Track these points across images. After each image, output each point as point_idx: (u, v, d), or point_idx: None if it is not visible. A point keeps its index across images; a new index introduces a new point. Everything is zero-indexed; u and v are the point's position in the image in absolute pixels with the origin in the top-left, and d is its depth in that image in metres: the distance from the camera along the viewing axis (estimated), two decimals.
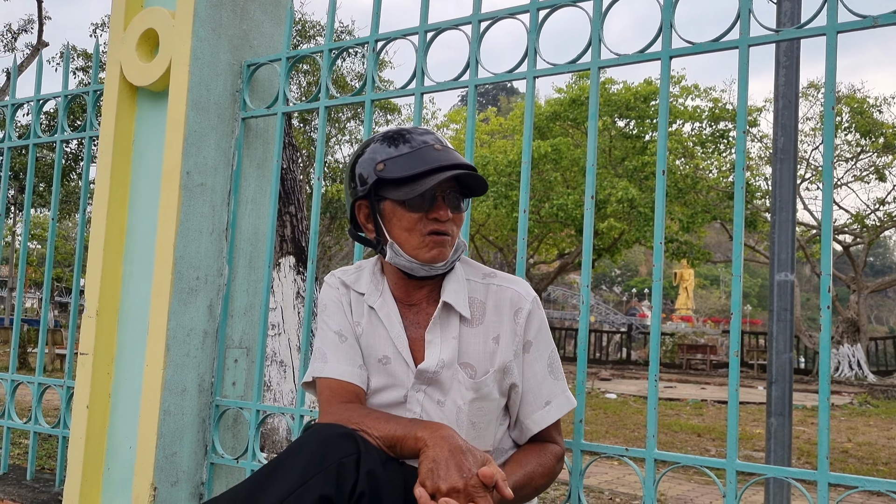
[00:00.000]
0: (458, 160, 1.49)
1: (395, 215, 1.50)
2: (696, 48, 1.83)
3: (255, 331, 2.59)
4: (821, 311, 1.62)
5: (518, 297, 1.56)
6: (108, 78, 2.55)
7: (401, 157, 1.48)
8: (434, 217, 1.49)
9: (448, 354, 1.52)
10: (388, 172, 1.47)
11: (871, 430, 9.46)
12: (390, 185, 1.49)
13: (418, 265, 1.51)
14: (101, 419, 2.44)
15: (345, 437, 1.32)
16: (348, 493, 1.26)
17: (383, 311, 1.57)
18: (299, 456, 1.29)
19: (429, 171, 1.45)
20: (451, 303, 1.53)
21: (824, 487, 1.58)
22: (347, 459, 1.28)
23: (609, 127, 20.27)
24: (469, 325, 1.55)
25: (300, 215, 5.30)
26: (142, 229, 2.48)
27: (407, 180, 1.47)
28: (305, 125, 18.70)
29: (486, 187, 1.53)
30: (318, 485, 1.24)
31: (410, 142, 1.51)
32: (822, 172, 1.60)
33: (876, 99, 20.03)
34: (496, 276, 1.61)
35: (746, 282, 49.02)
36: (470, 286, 1.59)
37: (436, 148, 1.49)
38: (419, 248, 1.49)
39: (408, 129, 1.55)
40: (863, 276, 21.87)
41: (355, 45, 2.36)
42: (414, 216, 1.49)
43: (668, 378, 18.68)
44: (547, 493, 4.76)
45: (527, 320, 1.55)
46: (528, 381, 1.57)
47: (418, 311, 1.58)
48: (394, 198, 1.48)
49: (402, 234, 1.50)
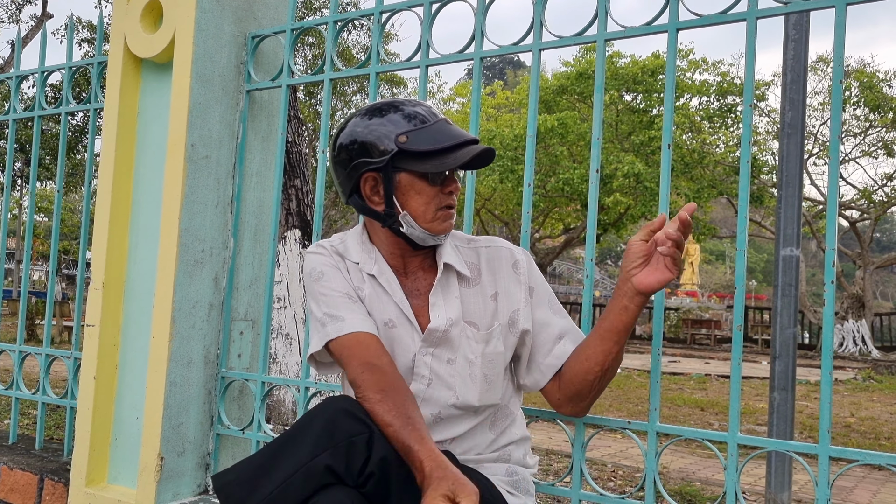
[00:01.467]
0: (470, 135, 1.55)
1: (414, 188, 1.51)
2: (703, 20, 1.81)
3: (261, 303, 2.60)
4: (825, 286, 1.63)
5: (510, 252, 1.66)
6: (111, 50, 2.54)
7: (422, 129, 1.50)
8: (449, 191, 1.54)
9: (454, 312, 1.56)
10: (411, 145, 1.48)
11: (874, 405, 9.49)
12: (413, 157, 1.49)
13: (430, 236, 1.55)
14: (108, 390, 2.46)
15: (353, 416, 1.33)
16: (357, 472, 1.28)
17: (383, 278, 1.59)
18: (310, 431, 1.31)
19: (454, 146, 1.50)
20: (451, 263, 1.58)
21: (825, 461, 1.59)
22: (358, 438, 1.29)
23: (616, 101, 20.13)
24: (467, 285, 1.60)
25: (306, 189, 5.29)
26: (147, 202, 2.49)
27: (433, 154, 1.49)
28: (311, 98, 18.62)
29: (490, 162, 1.57)
30: (327, 458, 1.27)
31: (416, 115, 1.51)
32: (830, 146, 1.59)
33: (885, 73, 19.86)
34: (477, 240, 1.68)
35: (752, 257, 48.93)
36: (460, 250, 1.65)
37: (448, 123, 1.54)
38: (433, 221, 1.53)
39: (400, 101, 1.56)
40: (869, 251, 21.80)
41: (360, 16, 2.34)
42: (433, 189, 1.52)
43: (673, 353, 18.74)
44: (549, 466, 4.80)
45: (527, 269, 1.64)
46: (536, 323, 1.63)
47: (415, 279, 1.60)
48: (416, 170, 1.50)
49: (419, 206, 1.52)
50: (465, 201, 2.10)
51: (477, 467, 1.54)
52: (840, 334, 20.56)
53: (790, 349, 4.25)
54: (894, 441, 6.66)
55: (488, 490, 1.47)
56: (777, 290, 4.33)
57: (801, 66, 4.33)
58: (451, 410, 1.54)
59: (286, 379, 2.37)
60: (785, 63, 4.37)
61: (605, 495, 1.82)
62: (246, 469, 1.33)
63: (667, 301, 32.49)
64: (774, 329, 4.32)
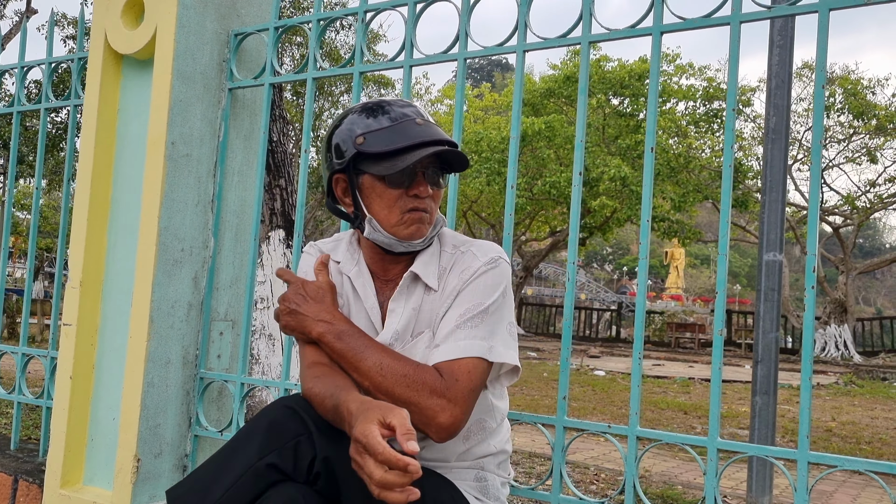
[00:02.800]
0: (439, 135, 1.46)
1: (375, 191, 1.47)
2: (687, 24, 1.81)
3: (241, 304, 2.57)
4: (806, 292, 1.62)
5: (472, 259, 1.50)
6: (92, 45, 2.51)
7: (381, 130, 1.44)
8: (414, 194, 1.46)
9: (403, 324, 1.50)
10: (367, 146, 1.44)
11: (855, 409, 9.56)
12: (370, 159, 1.45)
13: (397, 241, 1.48)
14: (84, 390, 2.43)
15: (298, 415, 1.34)
16: (305, 470, 1.29)
17: (359, 282, 1.56)
18: (256, 434, 1.32)
19: (410, 146, 1.42)
20: (418, 273, 1.51)
21: (804, 466, 1.59)
22: (304, 438, 1.30)
23: (603, 105, 20.20)
24: (431, 293, 1.53)
25: (291, 188, 5.26)
26: (126, 200, 2.46)
27: (387, 155, 1.43)
28: (299, 98, 18.55)
29: (467, 163, 1.51)
30: (275, 458, 1.28)
31: (390, 114, 1.47)
32: (812, 150, 1.58)
33: (870, 80, 20.04)
34: (467, 243, 1.56)
35: (736, 262, 49.23)
36: (441, 256, 1.56)
37: (417, 122, 1.46)
38: (398, 225, 1.47)
39: (388, 101, 1.51)
40: (851, 257, 21.98)
41: (344, 15, 2.32)
42: (394, 192, 1.46)
43: (657, 356, 18.80)
44: (532, 469, 4.80)
45: (470, 276, 1.48)
46: (439, 327, 1.48)
47: (394, 286, 1.56)
48: (374, 172, 1.45)
49: (381, 210, 1.47)
50: (447, 204, 2.09)
51: (444, 473, 1.52)
52: (822, 339, 20.70)
53: (772, 353, 4.27)
54: (875, 446, 6.71)
55: (451, 495, 1.46)
56: (760, 294, 4.35)
57: (786, 72, 4.36)
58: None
59: (266, 380, 2.35)
60: (770, 69, 4.39)
61: (584, 499, 1.81)
62: (195, 478, 1.34)
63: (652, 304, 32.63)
64: (757, 333, 4.34)
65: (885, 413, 9.28)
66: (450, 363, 1.40)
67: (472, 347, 1.41)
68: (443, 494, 1.44)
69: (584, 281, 43.11)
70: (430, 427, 1.36)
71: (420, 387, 1.36)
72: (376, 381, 1.38)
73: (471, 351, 1.41)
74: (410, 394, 1.35)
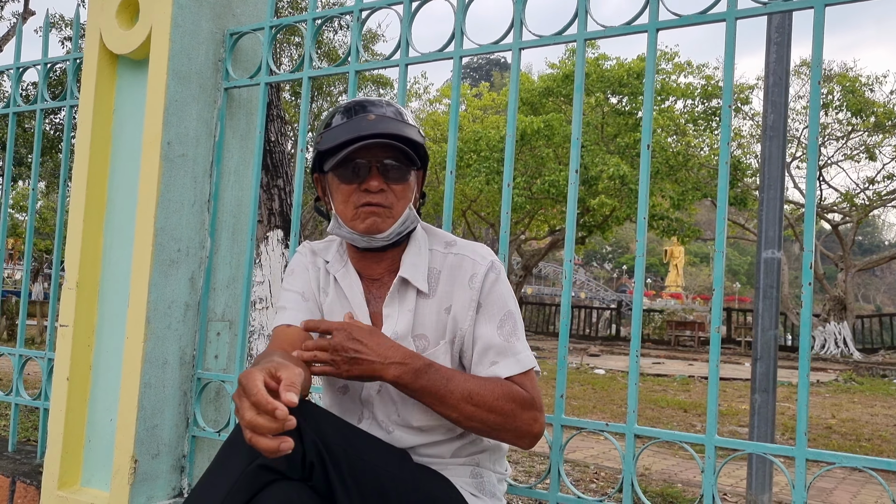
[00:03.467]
0: (389, 130, 1.46)
1: (334, 187, 1.52)
2: (682, 20, 1.80)
3: (239, 304, 2.57)
4: (803, 289, 1.62)
5: (472, 264, 1.52)
6: (87, 45, 2.50)
7: (336, 128, 1.49)
8: (365, 188, 1.48)
9: (403, 327, 1.51)
10: (322, 144, 1.49)
11: (855, 406, 9.56)
12: (327, 156, 1.51)
13: (358, 236, 1.51)
14: (81, 391, 2.42)
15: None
16: (298, 465, 1.28)
17: (345, 282, 1.58)
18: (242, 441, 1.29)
19: (348, 140, 1.45)
20: (407, 277, 1.52)
21: (802, 463, 1.59)
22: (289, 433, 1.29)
23: (602, 103, 20.17)
24: (425, 297, 1.53)
25: (289, 189, 5.25)
26: (122, 200, 2.45)
27: (332, 151, 1.48)
28: (297, 98, 18.53)
29: (416, 160, 1.51)
30: (266, 459, 1.26)
31: (352, 112, 1.50)
32: (808, 146, 1.58)
33: (868, 77, 20.02)
34: (456, 244, 1.58)
35: (736, 259, 49.21)
36: (431, 256, 1.57)
37: (369, 118, 1.47)
38: (354, 220, 1.50)
39: (366, 101, 1.53)
40: (851, 254, 21.98)
41: (340, 14, 2.32)
42: (348, 187, 1.49)
43: (657, 354, 18.80)
44: (532, 467, 4.79)
45: (481, 284, 1.51)
46: (476, 342, 1.50)
47: (381, 286, 1.57)
48: (326, 169, 1.51)
49: (340, 205, 1.52)
50: (444, 202, 2.08)
51: (440, 470, 1.52)
52: (822, 336, 20.70)
53: (771, 351, 4.26)
54: (874, 442, 6.70)
55: (447, 491, 1.46)
56: (759, 292, 4.34)
57: (784, 70, 4.35)
58: (397, 426, 1.52)
59: None
60: (767, 66, 4.38)
61: (582, 498, 1.81)
62: (196, 492, 1.32)
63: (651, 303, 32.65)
64: (756, 331, 4.33)
65: (884, 410, 9.28)
66: (521, 377, 1.47)
67: (528, 359, 1.50)
68: (438, 490, 1.45)
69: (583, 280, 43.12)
70: (524, 439, 1.46)
71: (515, 404, 1.42)
72: (467, 412, 1.40)
73: (528, 363, 1.49)
74: (507, 414, 1.41)
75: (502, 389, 1.42)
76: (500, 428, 1.42)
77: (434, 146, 19.87)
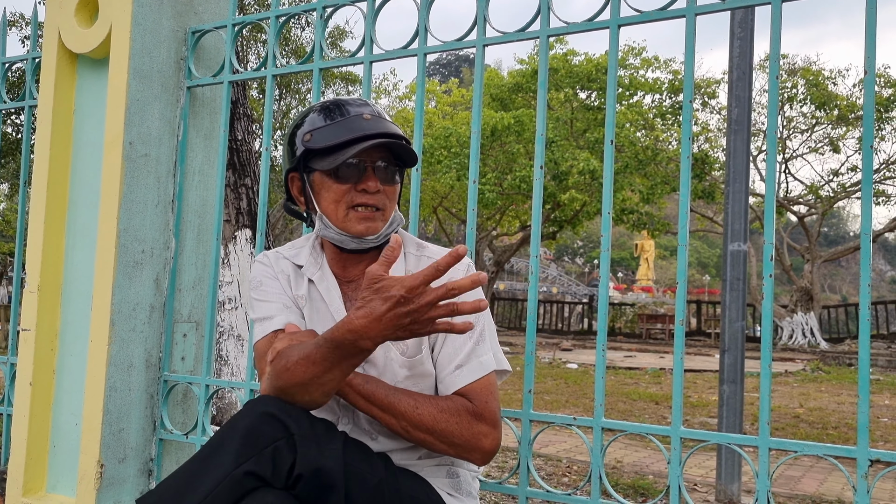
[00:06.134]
0: (385, 129, 1.46)
1: (324, 187, 1.48)
2: (643, 17, 1.81)
3: (205, 305, 2.54)
4: (763, 281, 1.64)
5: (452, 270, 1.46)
6: (45, 45, 2.46)
7: (327, 126, 1.46)
8: (362, 188, 1.46)
9: None
10: (314, 143, 1.46)
11: (822, 395, 9.72)
12: (317, 155, 1.47)
13: (348, 238, 1.48)
14: (45, 396, 2.39)
15: (273, 418, 1.29)
16: (284, 476, 1.25)
17: (323, 285, 1.55)
18: (232, 439, 1.27)
19: (352, 140, 1.43)
20: None
21: (765, 452, 1.61)
22: (281, 443, 1.26)
23: (571, 99, 20.27)
24: None
25: (256, 188, 5.21)
26: (84, 201, 2.41)
27: (331, 150, 1.44)
28: (264, 96, 18.36)
29: (415, 158, 1.50)
30: (252, 465, 1.23)
31: (341, 111, 1.48)
32: (767, 139, 1.60)
33: (831, 71, 20.35)
34: (427, 247, 1.57)
35: (705, 252, 49.80)
36: (407, 260, 1.55)
37: (364, 118, 1.46)
38: (347, 221, 1.47)
39: (344, 100, 1.52)
40: (816, 245, 22.35)
41: (303, 11, 2.30)
42: (342, 187, 1.46)
43: (629, 348, 18.98)
44: (505, 462, 4.81)
45: None
46: (445, 344, 1.48)
47: (356, 287, 1.54)
48: (321, 168, 1.46)
49: (330, 205, 1.48)
50: (410, 199, 2.08)
51: (417, 472, 1.51)
52: (789, 327, 21.04)
53: (739, 342, 4.32)
54: (841, 430, 6.83)
55: (427, 493, 1.45)
56: (726, 284, 4.40)
57: (747, 64, 4.40)
58: (379, 433, 1.49)
59: (231, 381, 2.32)
60: (731, 60, 4.43)
61: (551, 492, 1.82)
62: (169, 486, 1.29)
63: (622, 297, 32.91)
64: (723, 322, 4.39)
65: (851, 399, 9.45)
66: (474, 385, 1.43)
67: (490, 362, 1.45)
68: (418, 492, 1.43)
69: (555, 275, 43.33)
70: (474, 453, 1.40)
71: (459, 418, 1.38)
72: (414, 420, 1.37)
73: (490, 366, 1.45)
74: (451, 427, 1.37)
75: (445, 403, 1.39)
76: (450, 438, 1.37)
77: None
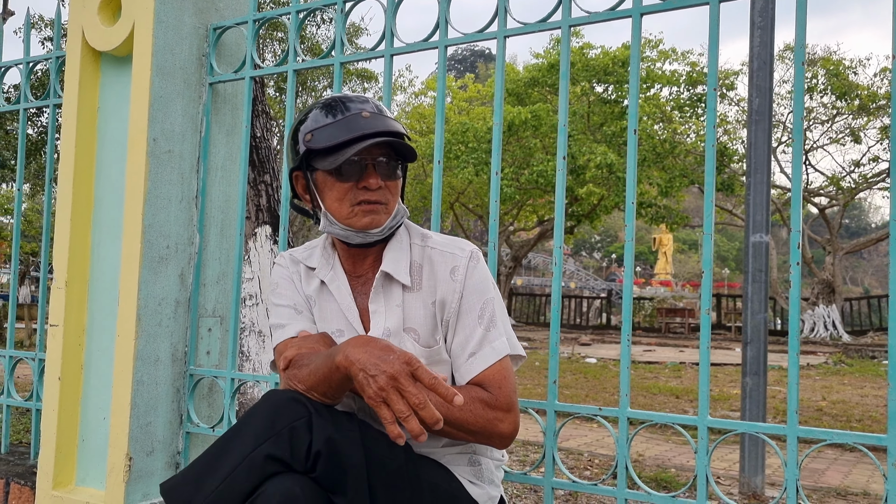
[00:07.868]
0: (385, 127, 1.47)
1: (327, 185, 1.50)
2: (667, 4, 1.80)
3: (229, 299, 2.56)
4: (791, 269, 1.63)
5: (452, 258, 1.53)
6: (69, 43, 2.48)
7: (327, 126, 1.47)
8: (364, 186, 1.47)
9: (393, 322, 1.51)
10: (314, 143, 1.47)
11: (845, 388, 9.64)
12: (319, 155, 1.48)
13: (353, 232, 1.50)
14: (73, 391, 2.42)
15: (294, 402, 1.33)
16: (303, 456, 1.27)
17: (334, 285, 1.58)
18: (252, 423, 1.31)
19: (352, 139, 1.44)
20: (389, 272, 1.52)
21: (793, 441, 1.60)
22: (299, 423, 1.29)
23: (587, 92, 20.19)
24: (410, 291, 1.53)
25: (276, 184, 5.24)
26: (110, 198, 2.44)
27: (332, 150, 1.46)
28: (281, 94, 18.44)
29: (414, 154, 1.51)
30: (270, 447, 1.26)
31: (341, 110, 1.49)
32: (793, 129, 1.59)
33: (851, 61, 20.11)
34: (432, 237, 1.59)
35: (724, 245, 49.44)
36: (413, 250, 1.57)
37: (363, 115, 1.47)
38: (351, 217, 1.49)
39: (344, 97, 1.53)
40: (838, 237, 22.13)
41: (323, 5, 2.31)
42: (344, 185, 1.48)
43: (648, 342, 18.88)
44: (526, 456, 4.81)
45: (464, 275, 1.51)
46: (457, 333, 1.51)
47: (365, 282, 1.58)
48: (322, 168, 1.48)
49: (333, 203, 1.50)
50: (433, 195, 2.08)
51: (439, 459, 1.52)
52: (811, 320, 20.85)
53: (761, 334, 4.29)
54: (865, 423, 6.76)
55: (447, 480, 1.46)
56: (747, 276, 4.37)
57: (768, 54, 4.36)
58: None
59: (255, 375, 2.34)
60: (751, 50, 4.40)
61: (577, 482, 1.82)
62: (191, 470, 1.33)
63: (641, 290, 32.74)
64: (745, 315, 4.36)
65: (874, 391, 9.36)
66: (488, 372, 1.45)
67: (503, 347, 1.47)
68: (438, 479, 1.45)
69: (573, 269, 43.22)
70: (493, 439, 1.43)
71: (472, 406, 1.40)
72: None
73: (503, 350, 1.47)
74: (465, 416, 1.39)
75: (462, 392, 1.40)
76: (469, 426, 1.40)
77: (420, 139, 19.84)
